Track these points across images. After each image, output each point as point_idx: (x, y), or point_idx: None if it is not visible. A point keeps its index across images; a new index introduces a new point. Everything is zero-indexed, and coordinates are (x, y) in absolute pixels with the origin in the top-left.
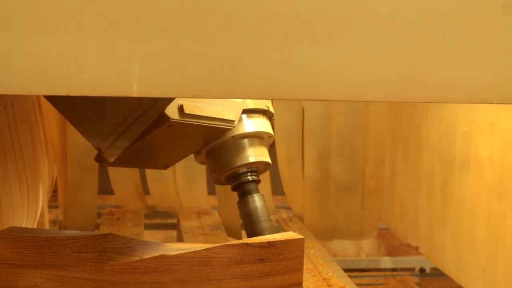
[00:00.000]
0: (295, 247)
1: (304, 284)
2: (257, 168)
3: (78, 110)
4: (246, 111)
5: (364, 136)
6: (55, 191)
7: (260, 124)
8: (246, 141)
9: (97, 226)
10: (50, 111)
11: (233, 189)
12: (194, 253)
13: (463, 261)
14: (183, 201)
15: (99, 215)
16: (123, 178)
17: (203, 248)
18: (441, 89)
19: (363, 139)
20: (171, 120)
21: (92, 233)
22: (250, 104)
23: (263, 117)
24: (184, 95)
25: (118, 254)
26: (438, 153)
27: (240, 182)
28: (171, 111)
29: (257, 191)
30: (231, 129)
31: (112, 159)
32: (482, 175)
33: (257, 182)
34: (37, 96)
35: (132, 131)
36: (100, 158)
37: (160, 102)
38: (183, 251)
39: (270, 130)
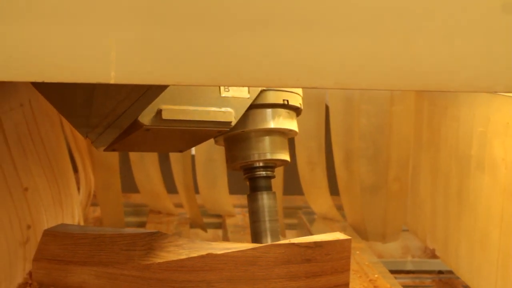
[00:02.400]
0: (342, 247)
1: (350, 285)
2: (274, 163)
3: (66, 99)
4: (268, 106)
5: (388, 138)
6: None
7: (281, 120)
8: (266, 136)
9: (143, 224)
10: None
11: (245, 179)
12: (241, 252)
13: (476, 264)
14: (205, 204)
15: (145, 213)
16: (146, 177)
17: (250, 247)
18: (440, 77)
19: (387, 140)
20: (144, 126)
21: (140, 231)
22: (269, 98)
23: (285, 111)
24: (164, 81)
25: (165, 253)
26: (455, 154)
27: (253, 176)
28: (147, 118)
29: (269, 188)
30: (227, 130)
31: (101, 149)
32: (497, 176)
33: (271, 177)
34: None
35: (120, 122)
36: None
37: (150, 92)
38: (229, 250)
39: (290, 126)
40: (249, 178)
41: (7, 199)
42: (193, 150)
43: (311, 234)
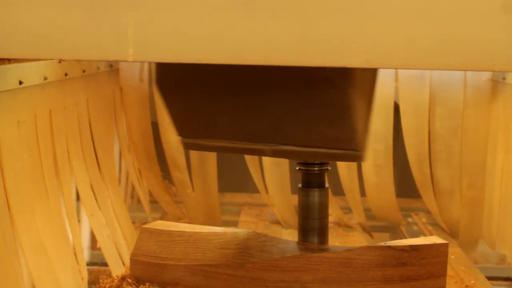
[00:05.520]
0: (438, 252)
1: None
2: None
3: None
4: None
5: (461, 142)
6: None
7: None
8: None
9: (236, 224)
10: (131, 108)
11: (298, 170)
12: (335, 253)
13: None
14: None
15: (238, 212)
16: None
17: (344, 249)
18: (459, 57)
19: (460, 144)
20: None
21: (235, 230)
22: None
23: None
24: (183, 59)
25: (259, 252)
26: None
27: (307, 171)
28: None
29: (322, 184)
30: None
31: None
32: None
33: (325, 171)
34: (121, 93)
35: None
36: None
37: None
38: (324, 251)
39: None
40: (303, 171)
41: (43, 197)
42: None
43: (405, 237)
